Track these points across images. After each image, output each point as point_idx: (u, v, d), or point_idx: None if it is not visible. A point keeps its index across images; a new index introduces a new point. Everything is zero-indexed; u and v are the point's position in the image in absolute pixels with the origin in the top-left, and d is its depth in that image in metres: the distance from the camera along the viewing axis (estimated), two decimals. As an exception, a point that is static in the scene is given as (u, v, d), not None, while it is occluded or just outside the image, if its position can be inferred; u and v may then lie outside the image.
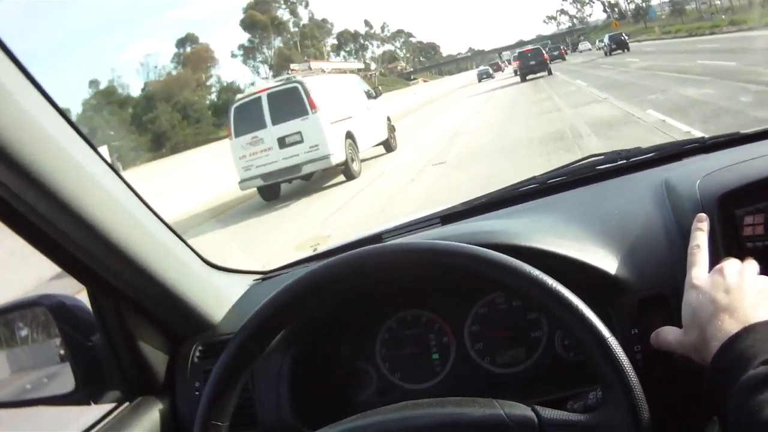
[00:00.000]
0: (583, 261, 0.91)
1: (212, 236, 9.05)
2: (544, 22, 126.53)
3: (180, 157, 25.99)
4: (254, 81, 73.82)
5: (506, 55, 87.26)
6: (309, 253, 1.30)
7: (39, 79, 0.78)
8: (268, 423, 1.00)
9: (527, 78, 28.92)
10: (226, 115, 11.57)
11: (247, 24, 77.83)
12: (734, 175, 0.95)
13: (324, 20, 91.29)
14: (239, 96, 11.86)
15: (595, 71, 24.67)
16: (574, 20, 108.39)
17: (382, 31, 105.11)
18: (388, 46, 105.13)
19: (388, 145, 13.77)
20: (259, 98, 10.86)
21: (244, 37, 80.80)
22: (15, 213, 0.81)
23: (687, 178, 0.99)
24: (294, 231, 8.07)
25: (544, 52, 30.26)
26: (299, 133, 10.58)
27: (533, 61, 29.15)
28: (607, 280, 0.91)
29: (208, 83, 70.08)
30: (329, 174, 11.49)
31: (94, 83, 60.59)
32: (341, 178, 11.19)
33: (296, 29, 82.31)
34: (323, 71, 14.49)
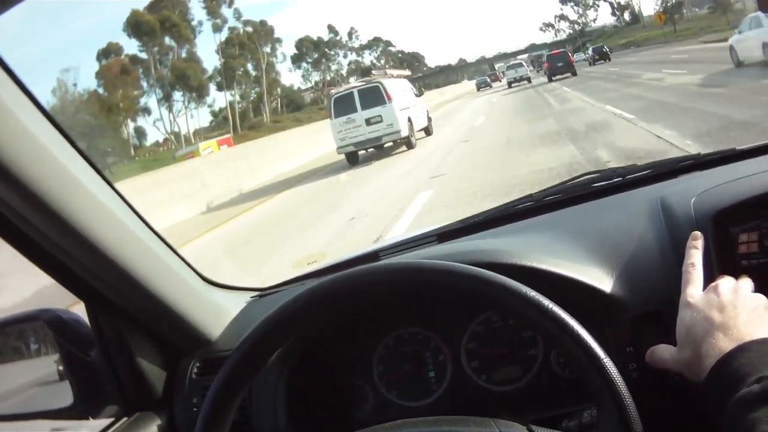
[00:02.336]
0: (578, 280, 0.92)
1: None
2: (541, 29, 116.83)
3: None
4: (149, 106, 61.14)
5: (501, 66, 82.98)
6: (306, 270, 1.30)
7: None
8: None
9: (554, 78, 33.22)
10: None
11: (132, 27, 57.30)
12: (729, 192, 0.95)
13: (262, 23, 71.39)
14: (334, 91, 18.24)
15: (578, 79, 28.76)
16: (575, 26, 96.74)
17: (350, 38, 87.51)
18: (358, 56, 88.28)
19: (428, 131, 18.88)
20: (352, 92, 16.15)
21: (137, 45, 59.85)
22: (12, 227, 0.81)
23: (682, 196, 0.99)
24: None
25: (570, 54, 35.63)
26: (380, 115, 15.56)
27: (560, 63, 34.00)
28: (602, 299, 0.91)
29: (123, 106, 54.22)
30: (396, 145, 16.59)
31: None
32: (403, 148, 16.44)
33: (219, 33, 65.85)
34: (393, 76, 20.59)
